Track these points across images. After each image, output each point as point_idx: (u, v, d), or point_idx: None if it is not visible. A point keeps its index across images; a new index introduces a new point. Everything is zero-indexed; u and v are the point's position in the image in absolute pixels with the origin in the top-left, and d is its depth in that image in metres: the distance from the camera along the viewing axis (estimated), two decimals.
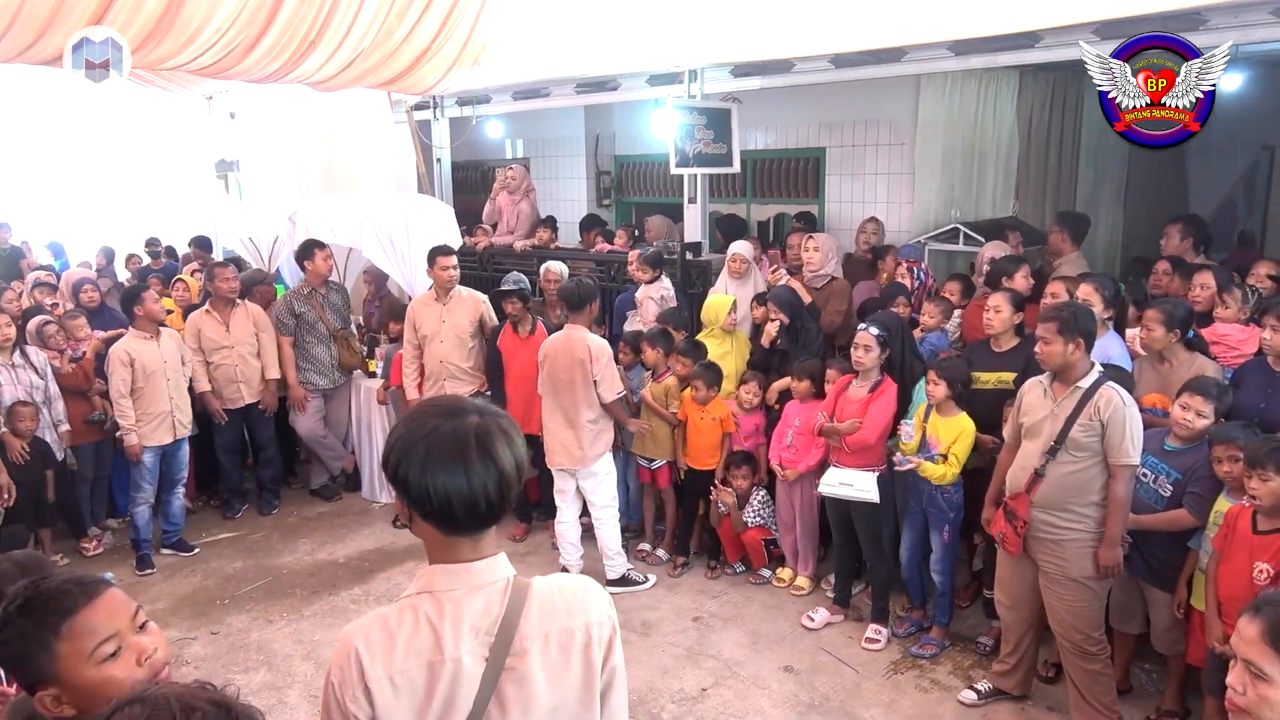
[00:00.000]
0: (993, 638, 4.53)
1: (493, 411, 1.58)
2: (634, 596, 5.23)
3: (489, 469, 1.51)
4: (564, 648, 1.59)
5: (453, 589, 1.55)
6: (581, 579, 1.72)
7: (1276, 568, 3.25)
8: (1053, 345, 3.61)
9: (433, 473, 1.49)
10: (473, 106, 8.54)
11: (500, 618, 1.55)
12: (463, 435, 1.51)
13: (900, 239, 7.21)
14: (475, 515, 1.52)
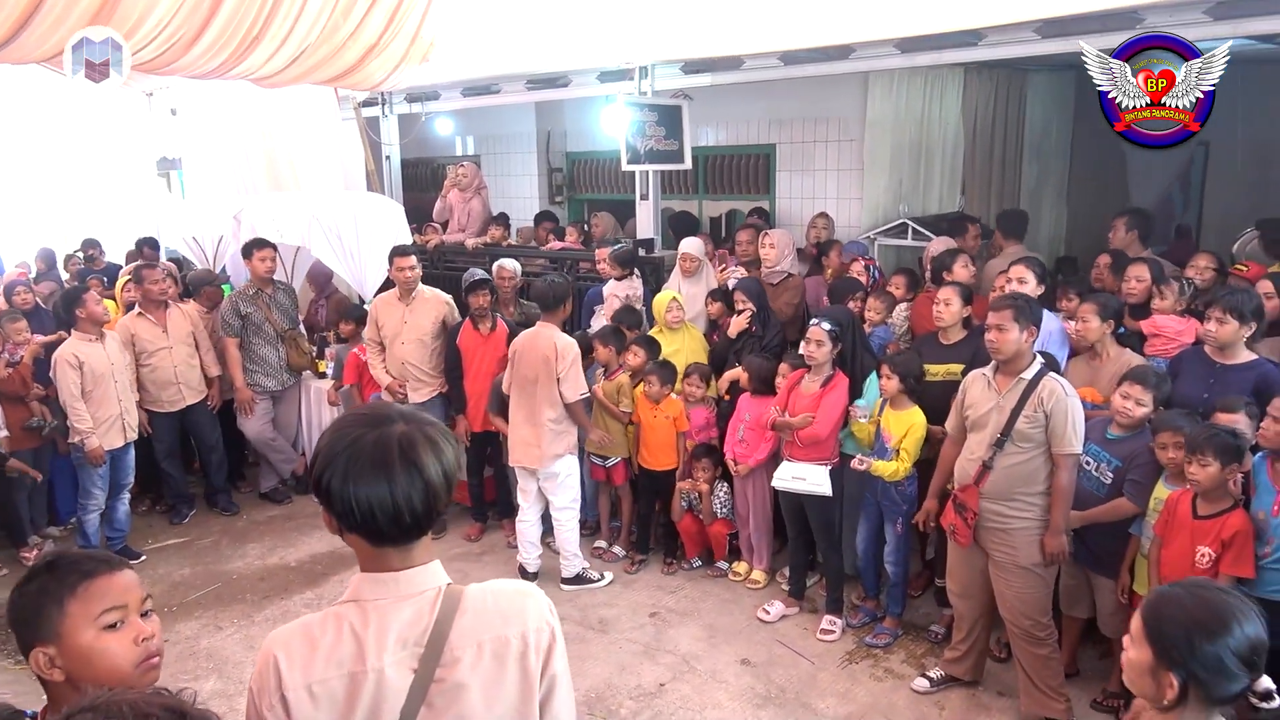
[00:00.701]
0: (944, 625, 4.61)
1: (421, 420, 1.54)
2: (591, 594, 5.23)
3: (413, 479, 1.47)
4: (498, 657, 1.54)
5: (379, 598, 1.52)
6: (520, 584, 1.68)
7: (1218, 551, 3.35)
8: (1008, 333, 3.68)
9: (355, 483, 1.46)
10: (422, 103, 8.46)
11: (430, 627, 1.51)
12: (386, 445, 1.47)
13: (850, 234, 7.29)
14: (400, 526, 1.49)
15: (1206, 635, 1.68)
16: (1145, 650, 1.74)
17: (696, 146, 7.52)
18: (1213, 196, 9.57)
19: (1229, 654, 1.67)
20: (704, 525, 5.34)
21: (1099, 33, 4.66)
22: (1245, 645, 1.68)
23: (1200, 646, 1.68)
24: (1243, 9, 4.22)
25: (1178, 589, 1.79)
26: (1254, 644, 1.69)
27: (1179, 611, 1.72)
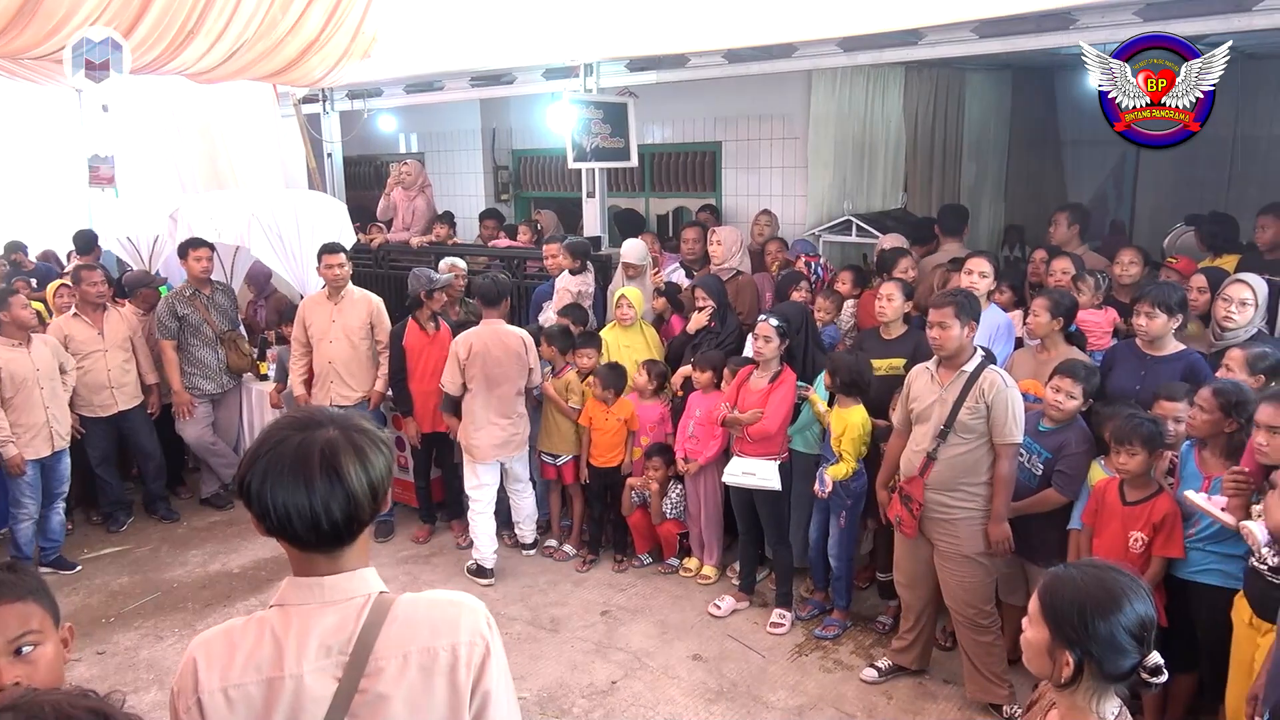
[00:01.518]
0: (891, 616, 4.68)
1: (353, 426, 1.50)
2: (542, 594, 5.21)
3: (333, 487, 1.43)
4: (425, 669, 1.49)
5: (303, 603, 1.48)
6: (456, 596, 1.61)
7: (1149, 535, 3.46)
8: (950, 330, 3.76)
9: (272, 488, 1.42)
10: (364, 100, 8.34)
11: (355, 635, 1.47)
12: (307, 451, 1.43)
13: (795, 231, 7.36)
14: (318, 534, 1.44)
15: (1100, 613, 1.73)
16: (1042, 630, 1.79)
17: (643, 144, 7.52)
18: (1144, 193, 9.87)
19: (1121, 631, 1.73)
20: (653, 523, 5.35)
21: (1034, 33, 4.78)
22: (1136, 622, 1.74)
23: (1094, 624, 1.73)
24: (1169, 11, 4.35)
25: (1072, 569, 1.85)
26: (1144, 621, 1.75)
27: (1073, 591, 1.78)
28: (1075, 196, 9.32)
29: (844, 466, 4.40)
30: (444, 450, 5.98)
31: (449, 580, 5.40)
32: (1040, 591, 1.82)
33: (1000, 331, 4.67)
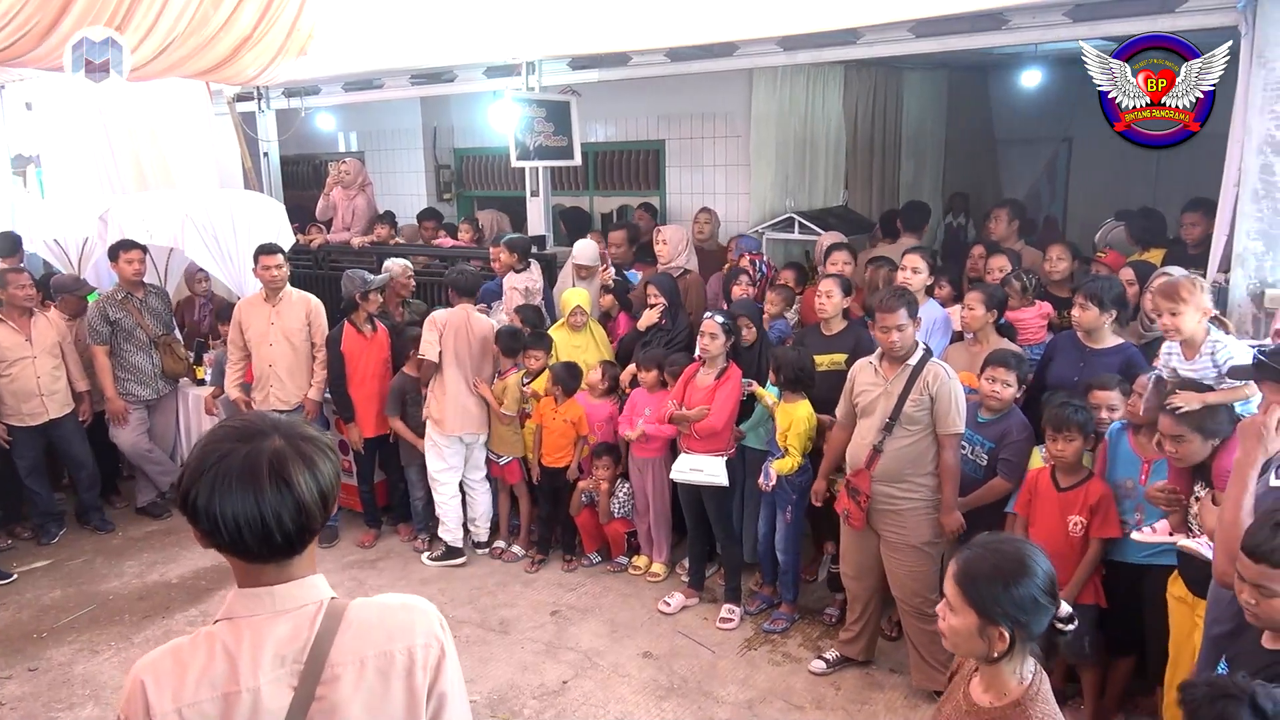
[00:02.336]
0: (838, 608, 4.74)
1: (299, 433, 1.47)
2: (491, 595, 5.17)
3: (283, 497, 1.40)
4: (383, 673, 1.48)
5: (253, 614, 1.45)
6: (409, 599, 1.60)
7: (1087, 518, 3.57)
8: (906, 330, 3.85)
9: (221, 501, 1.39)
10: (301, 98, 8.18)
11: (309, 644, 1.44)
12: (255, 461, 1.40)
13: (739, 229, 7.41)
14: (270, 545, 1.42)
15: (1018, 581, 1.84)
16: (968, 614, 1.86)
17: (586, 143, 7.51)
18: (1076, 189, 10.14)
19: (1038, 590, 1.84)
20: (601, 522, 5.34)
21: (969, 33, 4.88)
22: (1046, 579, 1.86)
23: (1017, 593, 1.83)
24: (1099, 12, 4.47)
25: (975, 550, 1.94)
26: (1050, 576, 1.87)
27: (989, 569, 1.87)
28: (1010, 193, 9.53)
29: (790, 461, 4.45)
30: (388, 454, 5.91)
31: (396, 584, 5.33)
32: (957, 579, 1.90)
33: (937, 325, 4.76)
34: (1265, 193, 3.97)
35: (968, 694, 1.96)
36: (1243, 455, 2.48)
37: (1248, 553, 2.15)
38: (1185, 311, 3.32)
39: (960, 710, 1.96)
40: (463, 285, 5.54)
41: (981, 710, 1.91)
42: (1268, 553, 2.10)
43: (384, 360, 5.76)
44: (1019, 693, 1.87)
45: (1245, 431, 2.48)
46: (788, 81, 7.37)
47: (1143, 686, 3.79)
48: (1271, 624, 2.17)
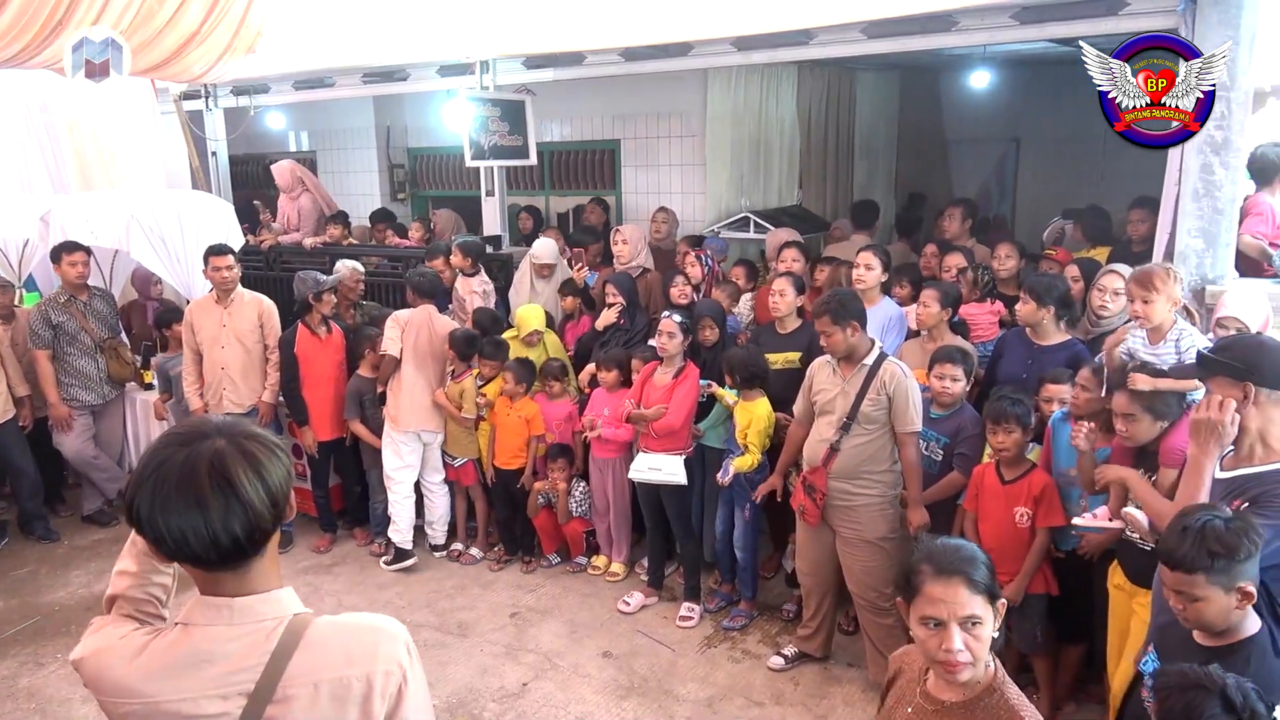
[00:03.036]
0: (795, 604, 4.78)
1: (242, 433, 1.41)
2: (449, 599, 5.13)
3: (230, 504, 1.35)
4: (337, 698, 1.41)
5: (209, 624, 1.41)
6: (378, 621, 1.53)
7: (1033, 509, 3.65)
8: (834, 336, 3.89)
9: (164, 511, 1.34)
10: (250, 96, 8.03)
11: (263, 662, 1.39)
12: (194, 467, 1.34)
13: (694, 228, 7.43)
14: (220, 554, 1.37)
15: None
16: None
17: (541, 142, 7.48)
18: (1024, 188, 10.33)
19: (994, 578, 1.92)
20: (559, 523, 5.33)
21: (919, 34, 4.94)
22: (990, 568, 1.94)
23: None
24: (1045, 14, 4.55)
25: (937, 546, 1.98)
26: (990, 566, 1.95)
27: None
28: (961, 192, 9.68)
29: (750, 458, 4.47)
30: (343, 457, 5.83)
31: (353, 589, 5.27)
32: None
33: (892, 323, 4.82)
34: (1205, 192, 4.07)
35: (927, 694, 1.94)
36: (1198, 452, 2.51)
37: (1164, 561, 2.19)
38: (1157, 300, 3.42)
39: (921, 711, 1.93)
40: (423, 287, 5.54)
41: (953, 706, 1.88)
42: (1180, 560, 2.13)
43: (339, 363, 5.68)
44: (989, 678, 1.88)
45: (1200, 429, 2.51)
46: (742, 81, 7.42)
47: (1093, 674, 3.87)
48: (1200, 626, 2.21)
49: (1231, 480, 2.49)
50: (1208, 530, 2.13)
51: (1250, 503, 2.39)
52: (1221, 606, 2.14)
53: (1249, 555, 2.12)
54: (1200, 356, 2.56)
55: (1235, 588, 2.13)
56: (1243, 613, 2.18)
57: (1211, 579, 2.11)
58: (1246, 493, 2.43)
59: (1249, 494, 2.42)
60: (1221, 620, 2.17)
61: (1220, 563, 2.10)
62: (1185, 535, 2.15)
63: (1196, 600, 2.15)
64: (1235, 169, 4.08)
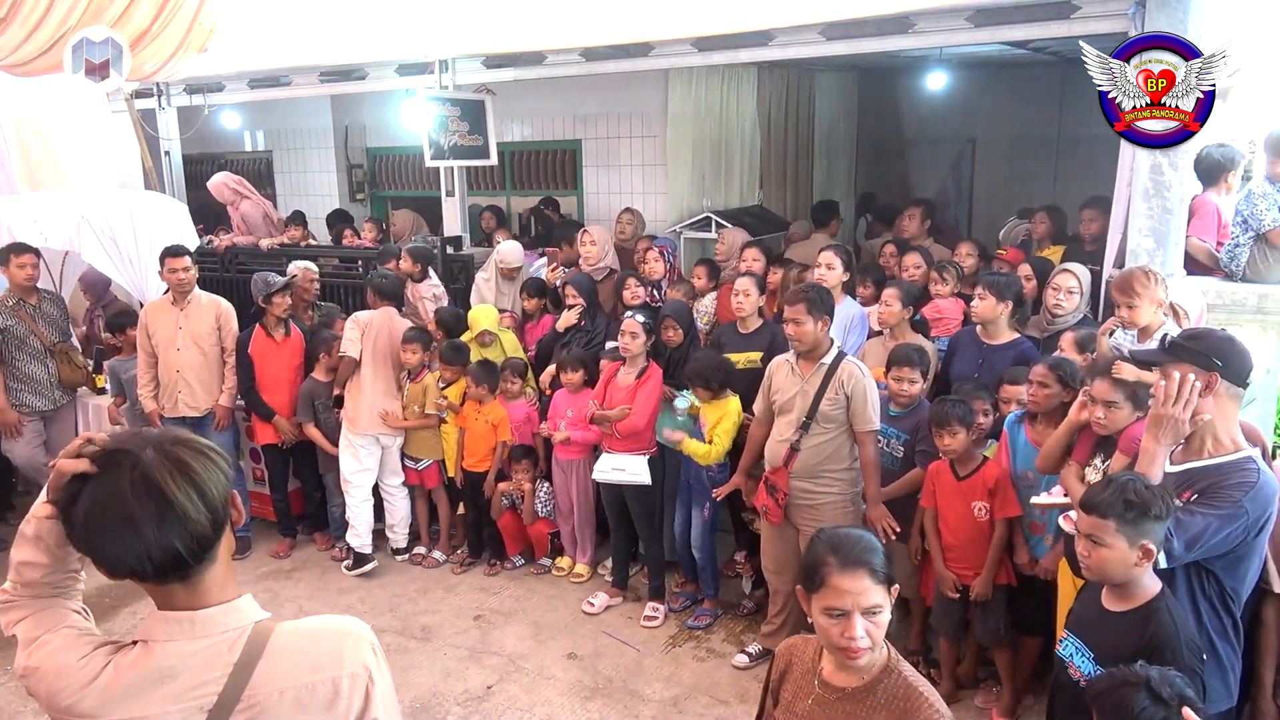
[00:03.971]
0: (754, 601, 4.83)
1: (171, 439, 1.37)
2: (412, 603, 5.09)
3: (165, 519, 1.30)
4: (302, 705, 1.40)
5: (170, 639, 1.37)
6: (342, 624, 1.52)
7: (989, 502, 3.71)
8: (804, 325, 3.89)
9: (98, 537, 1.31)
10: (204, 95, 7.90)
11: (227, 673, 1.37)
12: (120, 489, 1.30)
13: (656, 228, 7.45)
14: (158, 569, 1.33)
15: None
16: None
17: (502, 142, 7.44)
18: (980, 188, 10.48)
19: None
20: (525, 524, 5.32)
21: (876, 36, 4.99)
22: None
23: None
24: (999, 17, 4.63)
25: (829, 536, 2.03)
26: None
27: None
28: (919, 192, 9.80)
29: (712, 450, 4.46)
30: (302, 461, 5.76)
31: (314, 595, 5.21)
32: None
33: (854, 322, 4.87)
34: (1155, 192, 4.16)
35: (825, 683, 1.97)
36: (1152, 442, 2.56)
37: (1083, 507, 2.36)
38: (1140, 305, 3.49)
39: (823, 701, 1.95)
40: (385, 288, 5.50)
41: (850, 691, 1.92)
42: (1097, 504, 2.30)
43: (296, 366, 5.61)
44: (885, 660, 1.92)
45: (1159, 421, 2.57)
46: (703, 82, 7.44)
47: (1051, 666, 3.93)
48: (1101, 574, 2.35)
49: (1181, 474, 2.55)
50: (1128, 485, 2.32)
51: (1198, 495, 2.45)
52: (1123, 557, 2.28)
53: (1158, 517, 2.27)
54: (1171, 343, 2.61)
55: (1140, 544, 2.27)
56: (1141, 570, 2.32)
57: (1121, 528, 2.26)
58: (1194, 485, 2.49)
59: (1197, 486, 2.48)
60: (1120, 572, 2.31)
61: (1132, 514, 2.26)
62: (1108, 485, 2.34)
63: (1102, 546, 2.30)
64: (1184, 170, 4.17)
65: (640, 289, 5.37)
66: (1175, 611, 2.33)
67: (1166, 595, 2.36)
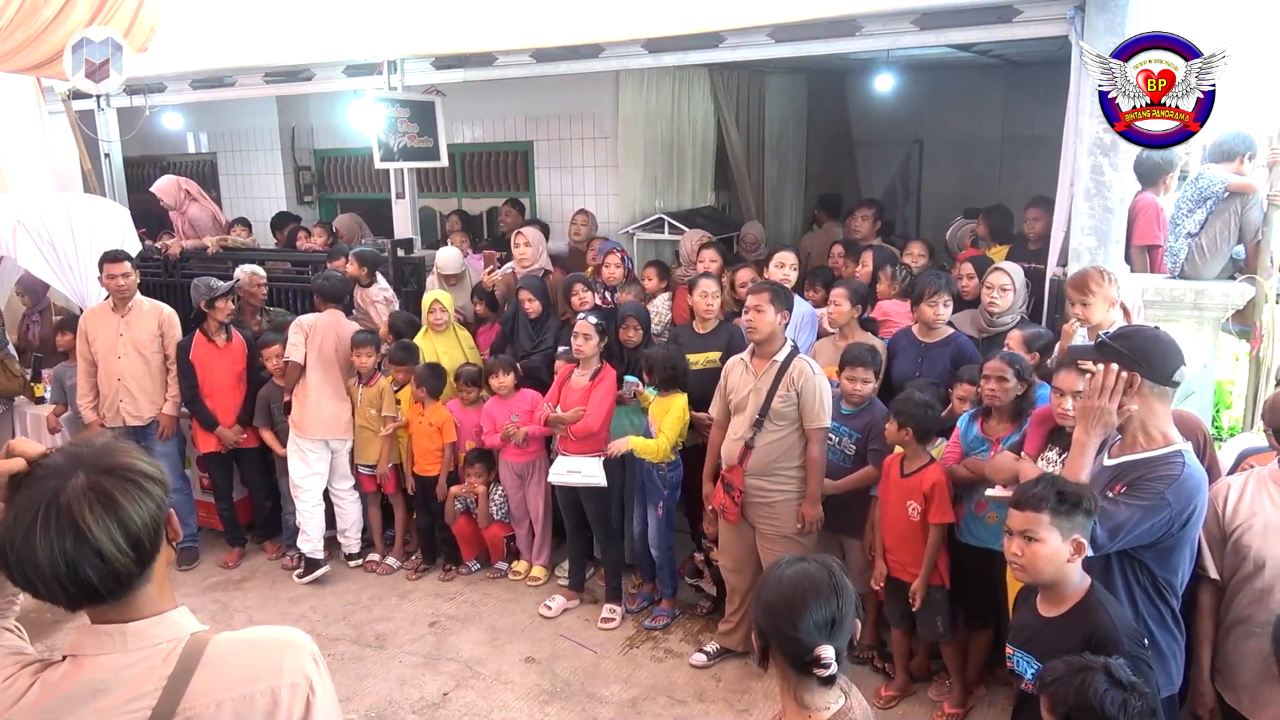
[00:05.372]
0: (709, 600, 4.85)
1: (105, 467, 1.32)
2: (366, 610, 5.03)
3: (79, 547, 1.27)
4: (240, 716, 1.37)
5: (101, 653, 1.34)
6: (282, 634, 1.48)
7: (922, 504, 3.77)
8: (765, 314, 3.93)
9: (17, 558, 1.27)
10: (145, 96, 7.71)
11: (161, 687, 1.34)
12: (39, 510, 1.26)
13: (609, 230, 7.44)
14: (70, 598, 1.31)
15: (784, 617, 1.76)
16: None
17: (453, 144, 7.38)
18: (928, 189, 10.65)
19: (806, 629, 1.74)
20: (480, 528, 5.28)
21: (824, 38, 5.04)
22: (823, 619, 1.75)
23: (784, 623, 1.75)
24: (944, 20, 4.70)
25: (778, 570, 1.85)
26: (827, 618, 1.75)
27: (770, 594, 1.80)
28: (868, 193, 9.92)
29: (659, 445, 4.46)
30: (249, 468, 5.65)
31: (265, 604, 5.11)
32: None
33: (805, 321, 4.91)
34: (1096, 191, 4.26)
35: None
36: (1082, 434, 2.62)
37: (1016, 505, 2.39)
38: (1094, 302, 3.58)
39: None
40: (329, 291, 5.44)
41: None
42: (1029, 498, 2.34)
43: (239, 372, 5.50)
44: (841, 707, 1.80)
45: (1087, 413, 2.62)
46: (654, 84, 7.45)
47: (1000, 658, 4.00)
48: (1035, 572, 2.37)
49: (1116, 467, 2.62)
50: (1059, 480, 2.39)
51: (1127, 487, 2.51)
52: (1055, 552, 2.32)
53: (1088, 511, 2.33)
54: (1100, 341, 2.67)
55: (1072, 538, 2.32)
56: (1073, 567, 2.36)
57: (1054, 520, 2.31)
58: (1125, 478, 2.55)
59: (1127, 478, 2.55)
60: (1053, 568, 2.34)
61: (1064, 506, 2.31)
62: (1040, 481, 2.39)
63: (1035, 541, 2.33)
64: (1124, 170, 4.28)
65: (589, 294, 5.35)
66: (1109, 603, 2.37)
67: (1097, 589, 2.40)
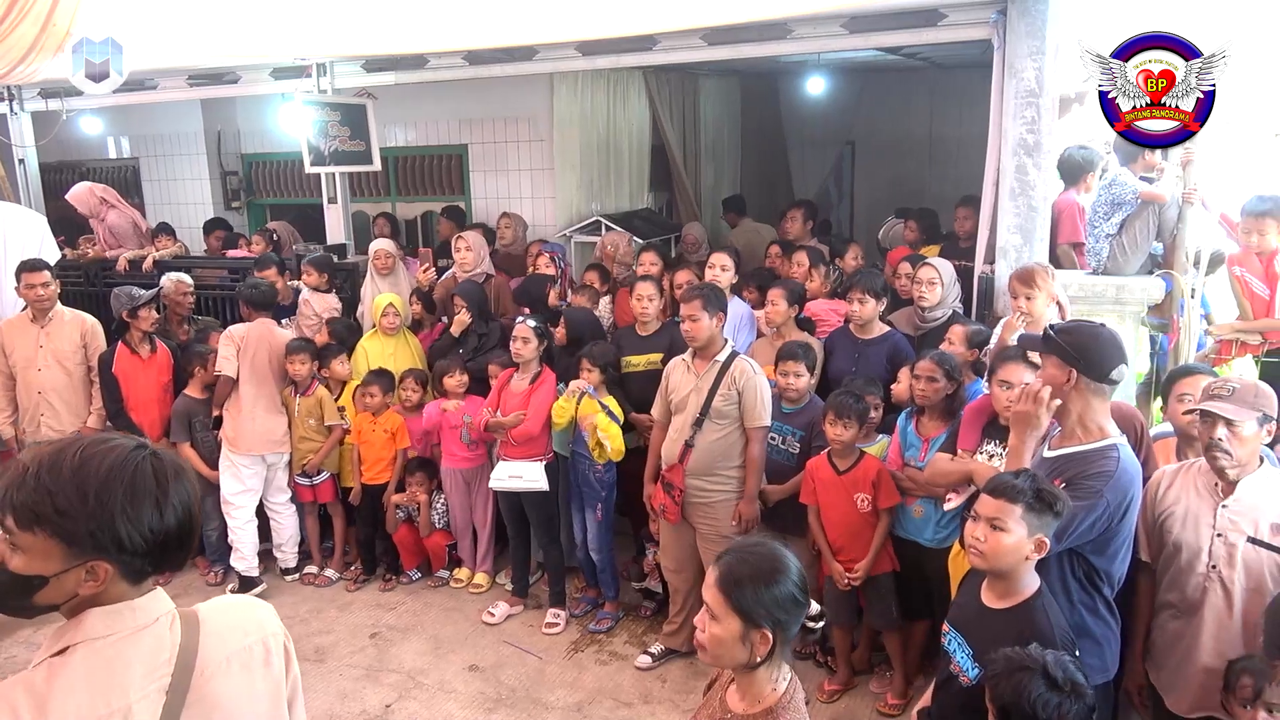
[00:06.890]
0: (654, 602, 4.86)
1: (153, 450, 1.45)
2: (304, 623, 4.92)
3: (179, 498, 1.46)
4: (246, 667, 1.54)
5: (113, 633, 1.41)
6: (244, 598, 1.72)
7: (872, 494, 3.83)
8: (700, 321, 3.96)
9: (136, 514, 1.39)
10: (61, 99, 7.45)
11: (175, 653, 1.45)
12: (143, 470, 1.41)
13: (545, 233, 7.41)
14: (171, 553, 1.47)
15: (776, 581, 1.84)
16: (731, 620, 1.84)
17: (386, 147, 7.28)
18: (860, 189, 10.84)
19: (795, 588, 1.86)
20: (421, 537, 5.21)
21: (757, 41, 5.10)
22: (799, 576, 1.88)
23: (776, 592, 1.84)
24: (872, 24, 4.79)
25: (732, 555, 1.92)
26: (802, 573, 1.90)
27: (749, 571, 1.86)
28: (801, 194, 10.06)
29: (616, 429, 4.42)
30: None
31: None
32: (719, 585, 1.86)
33: (742, 321, 4.95)
34: (1021, 191, 4.38)
35: (724, 701, 1.96)
36: (1016, 439, 2.69)
37: (991, 492, 2.38)
38: (1038, 297, 3.66)
39: (715, 717, 1.96)
40: (257, 299, 5.28)
41: (736, 717, 1.90)
42: (1008, 489, 2.34)
43: (164, 384, 5.33)
44: (772, 700, 1.87)
45: (1018, 418, 2.68)
46: (589, 86, 7.45)
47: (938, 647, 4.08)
48: (993, 560, 2.38)
49: (1055, 459, 2.68)
50: (1039, 479, 2.39)
51: (1067, 483, 2.57)
52: (1018, 546, 2.33)
53: (1058, 514, 2.34)
54: (1045, 334, 2.73)
55: (1037, 536, 2.33)
56: (1029, 564, 2.39)
57: (1026, 515, 2.31)
58: (1065, 472, 2.61)
59: (1066, 474, 2.60)
60: (1010, 561, 2.36)
61: (1040, 504, 2.31)
62: (1021, 475, 2.38)
63: (1001, 531, 2.33)
64: (1046, 170, 4.40)
65: (546, 262, 5.36)
66: (1051, 611, 2.38)
67: (1044, 594, 2.41)
